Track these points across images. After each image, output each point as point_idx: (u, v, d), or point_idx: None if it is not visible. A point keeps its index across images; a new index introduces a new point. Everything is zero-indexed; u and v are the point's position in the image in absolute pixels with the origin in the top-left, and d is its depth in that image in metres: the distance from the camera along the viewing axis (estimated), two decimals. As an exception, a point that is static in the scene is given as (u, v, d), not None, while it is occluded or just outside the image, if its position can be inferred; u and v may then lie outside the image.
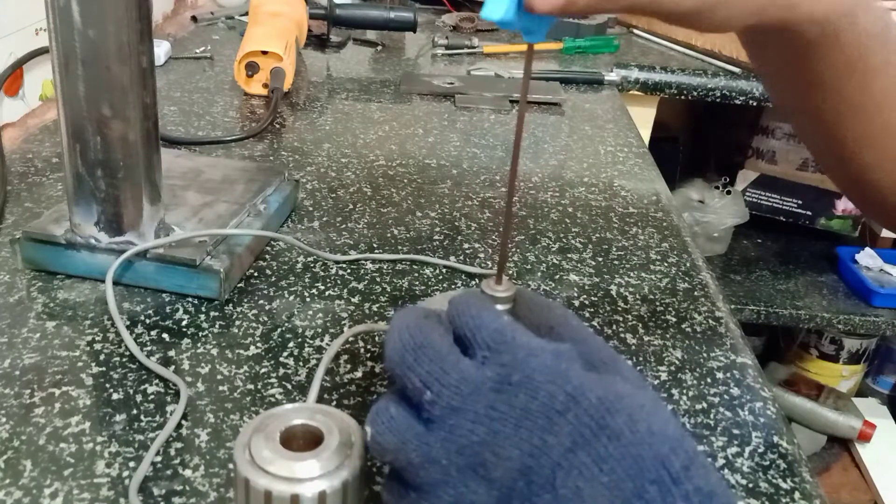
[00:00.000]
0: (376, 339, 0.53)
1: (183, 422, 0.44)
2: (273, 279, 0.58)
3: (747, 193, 1.66)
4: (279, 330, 0.53)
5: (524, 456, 0.28)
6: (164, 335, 0.51)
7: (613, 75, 1.15)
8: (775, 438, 0.48)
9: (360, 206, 0.71)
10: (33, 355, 0.48)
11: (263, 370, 0.49)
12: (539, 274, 0.63)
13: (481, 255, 0.64)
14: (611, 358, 0.32)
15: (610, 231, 0.71)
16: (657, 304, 0.60)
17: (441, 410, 0.29)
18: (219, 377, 0.48)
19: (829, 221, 1.64)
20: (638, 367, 0.53)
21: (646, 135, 1.23)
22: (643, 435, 0.27)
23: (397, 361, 0.30)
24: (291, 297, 0.56)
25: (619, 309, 0.59)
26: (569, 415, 0.28)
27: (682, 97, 1.22)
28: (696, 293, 0.62)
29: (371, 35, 1.27)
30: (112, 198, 0.53)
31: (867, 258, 1.54)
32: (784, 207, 1.65)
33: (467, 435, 0.29)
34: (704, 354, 0.55)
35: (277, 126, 0.88)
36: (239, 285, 0.57)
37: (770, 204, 1.67)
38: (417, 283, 0.60)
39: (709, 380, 0.52)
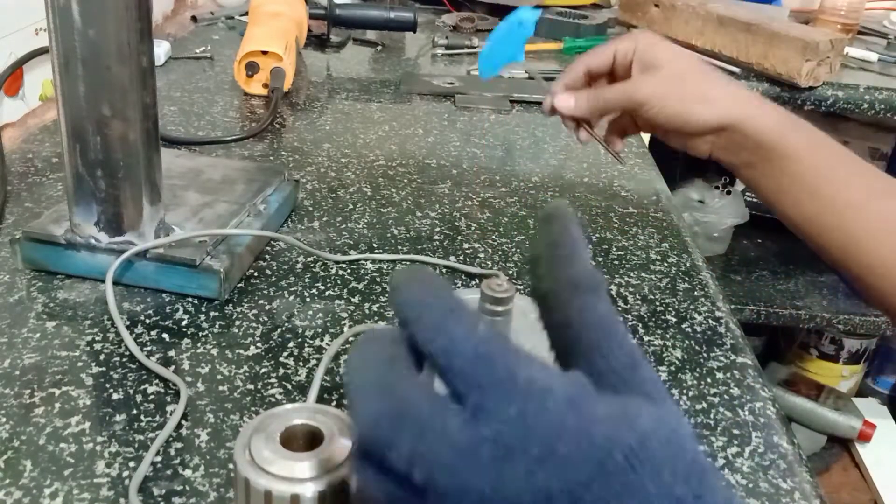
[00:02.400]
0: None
1: (183, 422, 0.44)
2: (273, 279, 0.58)
3: (747, 193, 1.66)
4: (279, 330, 0.53)
5: None
6: (164, 335, 0.51)
7: (613, 75, 1.15)
8: (775, 438, 0.48)
9: (360, 206, 0.71)
10: (33, 355, 0.48)
11: (263, 370, 0.49)
12: (539, 274, 0.62)
13: (481, 255, 0.64)
14: (630, 365, 0.26)
15: (610, 231, 0.71)
16: (657, 304, 0.60)
17: (436, 496, 0.23)
18: (219, 377, 0.48)
19: (829, 221, 1.64)
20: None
21: (646, 135, 1.23)
22: (679, 495, 0.23)
23: (372, 439, 0.24)
24: (291, 297, 0.56)
25: (620, 309, 0.59)
26: (594, 485, 0.23)
27: (682, 97, 1.22)
28: (696, 293, 0.62)
29: (371, 35, 1.27)
30: (112, 198, 0.53)
31: (867, 258, 1.54)
32: (784, 207, 1.65)
33: None
34: (704, 354, 0.55)
35: (277, 126, 0.88)
36: (239, 285, 0.57)
37: (770, 204, 1.66)
38: (417, 283, 0.60)
39: (709, 380, 0.52)
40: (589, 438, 0.23)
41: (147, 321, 0.52)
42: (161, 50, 1.04)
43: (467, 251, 0.65)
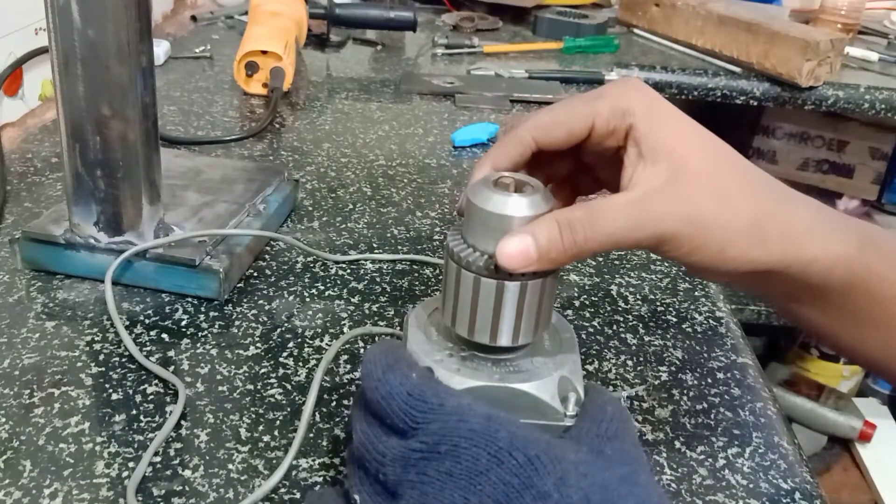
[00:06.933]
0: (376, 339, 0.52)
1: (182, 422, 0.44)
2: (273, 279, 0.58)
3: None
4: (279, 330, 0.53)
5: None
6: (164, 335, 0.51)
7: (614, 75, 1.15)
8: (776, 438, 0.48)
9: (360, 206, 0.71)
10: (33, 355, 0.48)
11: (263, 370, 0.49)
12: (539, 274, 0.62)
13: (481, 255, 0.64)
14: (614, 433, 0.33)
15: (610, 231, 0.71)
16: (658, 304, 0.60)
17: (392, 483, 0.32)
18: (218, 377, 0.48)
19: (829, 221, 1.63)
20: (638, 367, 0.52)
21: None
22: (574, 500, 0.28)
23: (361, 453, 0.33)
24: (291, 298, 0.56)
25: (620, 309, 0.59)
26: (491, 474, 0.29)
27: (683, 97, 1.22)
28: (696, 293, 0.62)
29: (371, 34, 1.27)
30: (111, 197, 0.53)
31: (868, 258, 1.53)
32: (784, 207, 1.65)
33: (408, 499, 0.31)
34: (705, 354, 0.55)
35: (277, 126, 0.88)
36: (238, 285, 0.57)
37: (770, 204, 1.66)
38: (417, 283, 0.60)
39: (709, 380, 0.52)
40: (493, 439, 0.30)
41: (146, 321, 0.52)
42: (160, 49, 1.04)
43: (467, 251, 0.65)
